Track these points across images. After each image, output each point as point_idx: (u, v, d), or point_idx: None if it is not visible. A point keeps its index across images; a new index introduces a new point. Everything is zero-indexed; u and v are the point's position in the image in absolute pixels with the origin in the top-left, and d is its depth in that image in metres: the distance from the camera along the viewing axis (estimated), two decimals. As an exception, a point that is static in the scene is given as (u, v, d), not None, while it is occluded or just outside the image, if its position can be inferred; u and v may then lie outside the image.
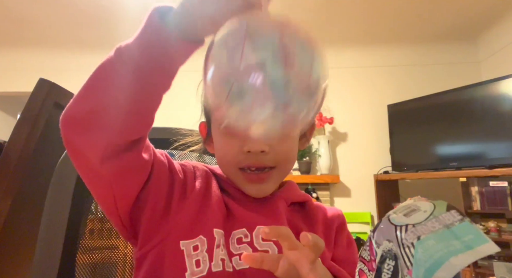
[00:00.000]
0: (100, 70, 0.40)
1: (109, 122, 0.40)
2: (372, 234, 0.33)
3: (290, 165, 0.56)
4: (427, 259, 0.26)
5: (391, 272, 0.29)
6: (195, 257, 0.46)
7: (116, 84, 0.39)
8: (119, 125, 0.40)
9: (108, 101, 0.39)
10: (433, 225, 0.28)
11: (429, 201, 0.31)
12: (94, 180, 0.45)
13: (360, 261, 0.34)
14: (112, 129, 0.40)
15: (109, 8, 2.55)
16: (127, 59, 0.38)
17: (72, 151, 0.42)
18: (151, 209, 0.48)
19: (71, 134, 0.41)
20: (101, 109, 0.40)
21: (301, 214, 0.57)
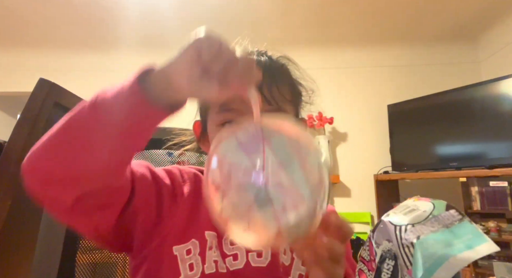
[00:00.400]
0: (72, 125, 0.37)
1: (80, 181, 0.38)
2: (371, 234, 0.33)
3: None
4: (426, 258, 0.26)
5: (390, 271, 0.29)
6: (188, 261, 0.46)
7: (89, 143, 0.37)
8: (91, 183, 0.39)
9: (81, 161, 0.37)
10: (433, 225, 0.28)
11: (428, 201, 0.31)
12: (69, 219, 0.44)
13: (360, 261, 0.34)
14: (83, 186, 0.39)
15: (109, 8, 2.55)
16: (104, 118, 0.36)
17: (38, 200, 0.40)
18: (143, 221, 0.47)
19: (37, 187, 0.39)
20: (72, 169, 0.37)
21: None
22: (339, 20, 2.78)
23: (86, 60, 3.16)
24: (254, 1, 2.50)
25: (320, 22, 2.81)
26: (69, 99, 1.04)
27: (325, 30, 2.92)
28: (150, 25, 2.77)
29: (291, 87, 0.58)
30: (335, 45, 3.11)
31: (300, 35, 3.00)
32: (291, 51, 2.39)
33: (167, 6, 2.53)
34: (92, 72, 3.13)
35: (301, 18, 2.74)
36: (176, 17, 2.65)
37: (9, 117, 3.90)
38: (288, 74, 0.58)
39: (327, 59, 3.13)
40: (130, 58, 3.12)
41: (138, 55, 3.15)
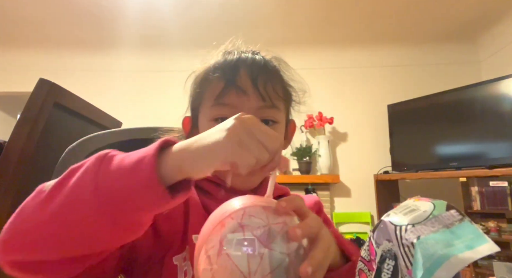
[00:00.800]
0: (71, 218, 0.33)
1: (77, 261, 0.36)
2: (372, 234, 0.33)
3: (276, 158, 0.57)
4: (427, 258, 0.26)
5: (391, 272, 0.29)
6: (184, 268, 0.47)
7: (89, 236, 0.34)
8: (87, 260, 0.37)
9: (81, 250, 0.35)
10: (433, 225, 0.28)
11: (429, 201, 0.31)
12: None
13: (360, 261, 0.34)
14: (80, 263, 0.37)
15: (109, 8, 2.55)
16: (111, 216, 0.33)
17: None
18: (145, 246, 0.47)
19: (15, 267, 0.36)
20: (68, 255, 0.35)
21: None
22: (340, 20, 2.78)
23: (86, 60, 3.16)
24: (254, 1, 2.50)
25: (320, 23, 2.81)
26: (69, 99, 1.04)
27: (326, 30, 2.92)
28: (150, 25, 2.77)
29: (283, 88, 0.58)
30: (335, 45, 3.11)
31: (301, 35, 3.00)
32: (291, 51, 2.44)
33: (167, 6, 2.53)
34: (92, 72, 3.13)
35: (301, 19, 2.74)
36: (176, 17, 2.65)
37: (9, 117, 3.90)
38: (280, 75, 0.59)
39: (327, 59, 3.13)
40: (130, 58, 3.12)
41: (138, 55, 3.15)
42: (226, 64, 0.55)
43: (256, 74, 0.53)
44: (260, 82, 0.52)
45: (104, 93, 2.95)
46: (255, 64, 0.55)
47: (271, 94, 0.53)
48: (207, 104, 0.55)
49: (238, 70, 0.53)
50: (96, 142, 0.71)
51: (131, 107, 2.90)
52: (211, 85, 0.54)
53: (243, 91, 0.52)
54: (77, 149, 0.69)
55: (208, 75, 0.55)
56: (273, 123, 0.55)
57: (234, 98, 0.52)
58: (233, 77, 0.52)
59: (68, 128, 1.07)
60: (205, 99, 0.55)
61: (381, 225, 0.31)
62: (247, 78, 0.53)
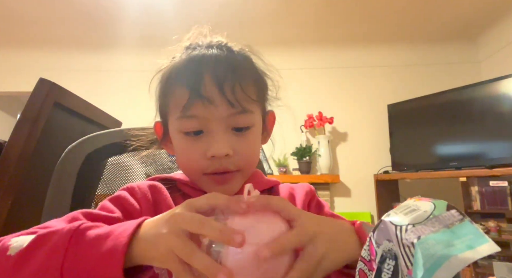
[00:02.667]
0: None
1: None
2: (372, 234, 0.33)
3: (253, 167, 0.55)
4: (427, 258, 0.26)
5: (391, 272, 0.29)
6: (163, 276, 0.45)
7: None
8: None
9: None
10: (433, 225, 0.28)
11: (429, 201, 0.31)
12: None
13: (360, 261, 0.34)
14: None
15: (109, 8, 2.55)
16: None
17: None
18: None
19: None
20: None
21: None
22: (339, 20, 2.78)
23: (86, 60, 3.16)
24: (254, 2, 2.50)
25: (320, 23, 2.81)
26: (69, 99, 1.04)
27: (326, 30, 2.93)
28: (150, 25, 2.77)
29: (256, 83, 0.53)
30: (335, 45, 3.11)
31: (300, 35, 3.00)
32: (291, 51, 2.44)
33: (167, 6, 2.53)
34: (92, 72, 3.13)
35: (301, 18, 2.74)
36: (176, 17, 2.65)
37: (9, 117, 3.90)
38: (252, 68, 0.54)
39: (327, 59, 3.13)
40: (130, 58, 3.12)
41: (138, 55, 3.15)
42: (188, 69, 0.51)
43: (223, 78, 0.48)
44: (227, 88, 0.48)
45: (104, 93, 2.94)
46: (220, 64, 0.50)
47: (240, 99, 0.49)
48: (173, 115, 0.51)
49: (202, 77, 0.48)
50: (95, 142, 0.70)
51: (131, 107, 2.90)
52: (175, 94, 0.50)
53: (210, 101, 0.47)
54: (76, 149, 0.69)
55: (171, 83, 0.52)
56: (246, 130, 0.51)
57: (201, 110, 0.48)
58: (197, 87, 0.48)
59: (68, 128, 1.07)
60: (171, 109, 0.52)
61: (382, 225, 0.31)
62: (212, 85, 0.48)
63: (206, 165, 0.50)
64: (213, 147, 0.48)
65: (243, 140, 0.51)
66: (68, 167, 0.66)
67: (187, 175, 0.55)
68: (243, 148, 0.51)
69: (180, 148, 0.52)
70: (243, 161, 0.51)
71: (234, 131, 0.50)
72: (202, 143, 0.49)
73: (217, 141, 0.48)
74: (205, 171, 0.50)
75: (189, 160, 0.51)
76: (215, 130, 0.49)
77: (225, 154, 0.48)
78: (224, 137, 0.49)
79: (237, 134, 0.50)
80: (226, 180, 0.51)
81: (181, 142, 0.51)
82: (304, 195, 0.59)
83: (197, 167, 0.50)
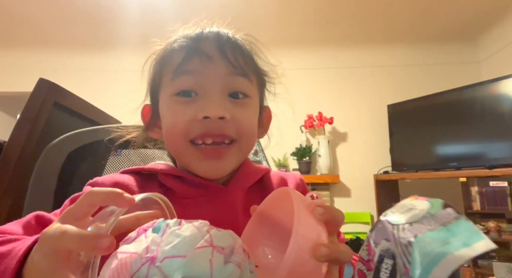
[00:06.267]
0: None
1: None
2: (370, 234, 0.33)
3: (251, 143, 0.49)
4: (424, 257, 0.26)
5: (389, 271, 0.29)
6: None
7: None
8: None
9: None
10: (430, 223, 0.28)
11: (425, 200, 0.32)
12: None
13: (358, 261, 0.34)
14: None
15: (109, 8, 2.56)
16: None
17: None
18: None
19: None
20: None
21: (261, 193, 0.50)
22: (339, 20, 2.78)
23: (86, 60, 3.16)
24: (254, 1, 2.51)
25: (320, 22, 2.81)
26: (69, 99, 1.04)
27: (325, 30, 2.93)
28: (150, 25, 2.77)
29: (255, 65, 0.50)
30: (335, 45, 3.11)
31: (300, 35, 3.00)
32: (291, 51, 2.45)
33: (167, 6, 2.53)
34: (92, 72, 3.13)
35: (301, 18, 2.74)
36: (176, 18, 2.65)
37: (9, 117, 3.90)
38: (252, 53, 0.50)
39: (327, 59, 3.13)
40: (130, 58, 3.12)
41: (138, 55, 3.15)
42: (188, 35, 0.47)
43: (223, 42, 0.45)
44: (228, 50, 0.45)
45: (104, 93, 2.95)
46: (221, 35, 0.47)
47: (241, 61, 0.45)
48: (167, 80, 0.47)
49: (201, 38, 0.45)
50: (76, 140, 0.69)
51: (131, 107, 2.89)
52: (171, 58, 0.46)
53: (208, 56, 0.44)
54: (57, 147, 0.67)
55: (168, 52, 0.48)
56: (244, 97, 0.46)
57: (197, 65, 0.44)
58: (196, 44, 0.44)
59: (68, 128, 1.07)
60: (164, 75, 0.47)
61: (379, 225, 0.31)
62: (212, 44, 0.45)
63: (195, 127, 0.44)
64: (208, 106, 0.43)
65: (240, 107, 0.46)
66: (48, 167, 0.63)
67: (171, 147, 0.48)
68: (241, 115, 0.45)
69: (169, 114, 0.46)
70: (241, 129, 0.46)
71: (230, 98, 0.46)
72: (195, 105, 0.44)
73: (212, 102, 0.43)
74: (192, 135, 0.44)
75: (177, 123, 0.45)
76: (211, 91, 0.44)
77: (220, 116, 0.43)
78: (220, 99, 0.44)
79: (234, 102, 0.46)
80: (219, 153, 0.45)
81: (171, 106, 0.46)
82: (295, 186, 0.54)
83: (184, 129, 0.44)
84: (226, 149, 0.46)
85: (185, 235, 0.27)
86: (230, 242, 0.29)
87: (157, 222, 0.30)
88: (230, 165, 0.47)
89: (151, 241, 0.27)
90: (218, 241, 0.28)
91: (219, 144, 0.45)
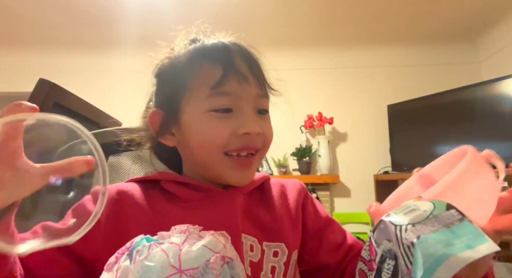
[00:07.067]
0: None
1: None
2: (372, 234, 0.33)
3: (268, 148, 0.55)
4: (426, 258, 0.26)
5: (391, 271, 0.29)
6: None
7: None
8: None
9: None
10: (433, 225, 0.28)
11: (428, 201, 0.31)
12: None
13: (360, 261, 0.34)
14: None
15: (109, 8, 2.55)
16: None
17: None
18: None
19: None
20: None
21: (259, 197, 0.54)
22: (340, 20, 2.78)
23: (86, 60, 3.16)
24: (254, 2, 2.50)
25: (321, 22, 2.81)
26: (69, 99, 1.04)
27: (326, 30, 2.92)
28: (150, 25, 2.77)
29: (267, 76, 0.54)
30: (335, 45, 3.11)
31: (301, 35, 3.00)
32: (291, 51, 2.44)
33: (167, 6, 2.53)
34: (92, 72, 3.13)
35: (301, 18, 2.74)
36: (176, 18, 2.65)
37: (9, 117, 3.89)
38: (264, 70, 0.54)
39: (327, 59, 3.13)
40: (130, 58, 3.12)
41: (138, 55, 3.15)
42: (214, 47, 0.49)
43: (250, 60, 0.50)
44: (255, 69, 0.49)
45: (104, 93, 2.94)
46: (243, 50, 0.50)
47: (265, 82, 0.51)
48: (199, 95, 0.48)
49: (232, 55, 0.48)
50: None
51: (131, 107, 2.89)
52: (203, 72, 0.48)
53: (244, 78, 0.47)
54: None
55: (194, 61, 0.49)
56: (266, 113, 0.52)
57: (235, 86, 0.47)
58: (231, 63, 0.47)
59: (68, 128, 1.07)
60: (195, 89, 0.48)
61: (381, 225, 0.31)
62: (243, 63, 0.48)
63: (234, 141, 0.48)
64: (248, 124, 0.47)
65: (265, 122, 0.52)
66: None
67: (203, 157, 0.50)
68: (266, 129, 0.51)
69: (204, 127, 0.48)
70: (267, 140, 0.52)
71: (259, 115, 0.51)
72: (232, 120, 0.48)
73: (251, 119, 0.48)
74: (229, 148, 0.48)
75: (216, 137, 0.47)
76: (246, 109, 0.48)
77: (258, 132, 0.48)
78: (254, 117, 0.49)
79: (261, 117, 0.51)
80: (250, 163, 0.50)
81: (208, 120, 0.48)
82: (296, 194, 0.57)
83: (222, 143, 0.47)
84: (253, 159, 0.50)
85: (151, 266, 0.28)
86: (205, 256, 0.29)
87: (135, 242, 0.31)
88: (254, 172, 0.53)
89: (121, 272, 0.28)
90: (187, 263, 0.28)
91: (251, 155, 0.50)
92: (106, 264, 0.31)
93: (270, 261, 0.47)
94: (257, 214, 0.51)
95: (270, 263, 0.47)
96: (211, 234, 0.32)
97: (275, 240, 0.49)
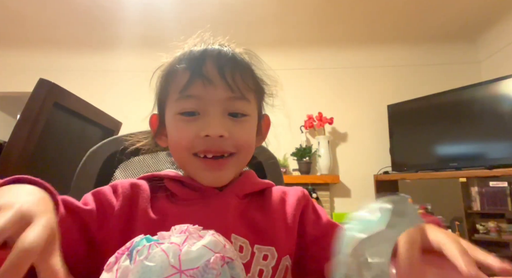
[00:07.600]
0: None
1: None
2: None
3: (248, 154, 0.54)
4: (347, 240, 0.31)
5: None
6: None
7: None
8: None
9: None
10: None
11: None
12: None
13: None
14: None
15: (109, 8, 2.55)
16: None
17: None
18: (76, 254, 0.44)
19: None
20: None
21: (259, 202, 0.55)
22: (339, 20, 2.79)
23: (86, 60, 3.16)
24: (254, 2, 2.50)
25: (320, 22, 2.81)
26: (69, 100, 1.04)
27: (325, 30, 2.93)
28: (150, 25, 2.77)
29: (254, 80, 0.54)
30: (335, 45, 3.11)
31: (300, 35, 3.00)
32: (291, 51, 2.45)
33: (167, 6, 2.53)
34: (92, 72, 3.13)
35: (301, 18, 2.74)
36: (176, 17, 2.65)
37: (9, 117, 3.90)
38: (251, 69, 0.55)
39: (327, 59, 3.13)
40: (130, 58, 3.12)
41: (138, 55, 3.15)
42: (192, 55, 0.52)
43: (223, 64, 0.50)
44: (228, 72, 0.50)
45: (104, 93, 2.95)
46: (222, 55, 0.51)
47: (240, 85, 0.50)
48: (172, 98, 0.52)
49: (204, 61, 0.50)
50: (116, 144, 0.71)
51: (131, 107, 2.90)
52: (176, 77, 0.51)
53: (209, 81, 0.49)
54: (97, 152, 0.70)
55: (173, 67, 0.53)
56: (242, 116, 0.52)
57: (200, 89, 0.49)
58: (198, 68, 0.49)
59: (68, 128, 1.07)
60: (171, 93, 0.52)
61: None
62: (213, 67, 0.50)
63: (198, 143, 0.49)
64: (208, 126, 0.48)
65: (238, 125, 0.51)
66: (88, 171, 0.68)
67: (177, 158, 0.54)
68: (239, 132, 0.51)
69: (174, 129, 0.52)
70: (239, 144, 0.51)
71: (230, 117, 0.51)
72: (197, 123, 0.49)
73: (213, 122, 0.49)
74: (195, 150, 0.50)
75: (181, 138, 0.50)
76: (212, 112, 0.49)
77: (219, 134, 0.48)
78: (220, 119, 0.49)
79: (233, 120, 0.51)
80: (220, 165, 0.50)
81: (176, 123, 0.51)
82: (295, 201, 0.56)
83: (188, 145, 0.50)
84: (226, 161, 0.51)
85: (151, 266, 0.27)
86: (205, 256, 0.29)
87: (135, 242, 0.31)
88: (230, 174, 0.52)
89: (121, 272, 0.28)
90: (187, 263, 0.28)
91: (219, 157, 0.51)
92: (106, 264, 0.31)
93: (259, 264, 0.47)
94: (252, 217, 0.51)
95: (259, 266, 0.47)
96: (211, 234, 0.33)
97: (266, 244, 0.49)
